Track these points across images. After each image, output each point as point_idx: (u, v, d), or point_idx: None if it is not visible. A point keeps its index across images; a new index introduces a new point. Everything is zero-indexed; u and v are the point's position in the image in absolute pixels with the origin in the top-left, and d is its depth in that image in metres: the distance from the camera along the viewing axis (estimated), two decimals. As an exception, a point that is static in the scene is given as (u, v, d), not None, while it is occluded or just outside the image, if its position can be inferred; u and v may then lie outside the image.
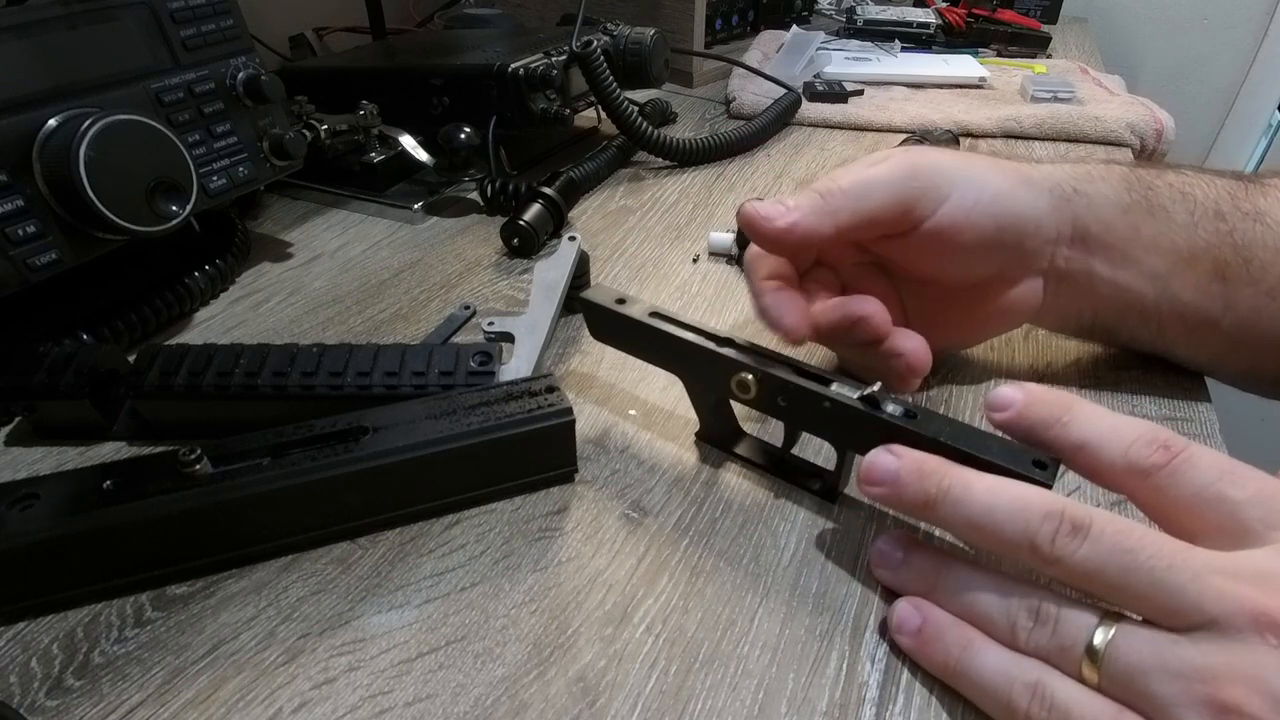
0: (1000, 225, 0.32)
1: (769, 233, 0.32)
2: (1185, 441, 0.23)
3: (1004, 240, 0.33)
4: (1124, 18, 1.25)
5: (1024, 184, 0.33)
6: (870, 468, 0.26)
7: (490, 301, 0.45)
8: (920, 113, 0.70)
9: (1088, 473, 0.25)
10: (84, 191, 0.34)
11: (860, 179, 0.32)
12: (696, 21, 0.80)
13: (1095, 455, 0.24)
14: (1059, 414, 0.25)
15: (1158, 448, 0.23)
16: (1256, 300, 0.32)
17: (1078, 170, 0.34)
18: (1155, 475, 0.23)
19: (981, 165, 0.34)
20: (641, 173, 0.63)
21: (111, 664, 0.25)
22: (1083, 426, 0.25)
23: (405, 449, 0.29)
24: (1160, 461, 0.23)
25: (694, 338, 0.31)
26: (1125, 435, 0.24)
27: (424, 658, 0.25)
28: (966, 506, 0.24)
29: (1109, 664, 0.21)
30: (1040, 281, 0.34)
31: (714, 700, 0.24)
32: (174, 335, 0.43)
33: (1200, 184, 0.34)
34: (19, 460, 0.34)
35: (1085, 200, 0.33)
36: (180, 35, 0.41)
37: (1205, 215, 0.33)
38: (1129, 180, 0.34)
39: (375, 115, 0.55)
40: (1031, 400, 0.26)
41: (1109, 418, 0.25)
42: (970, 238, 0.32)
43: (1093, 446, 0.24)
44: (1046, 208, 0.33)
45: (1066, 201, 0.33)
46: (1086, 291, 0.34)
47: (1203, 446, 0.23)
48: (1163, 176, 0.34)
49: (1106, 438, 0.24)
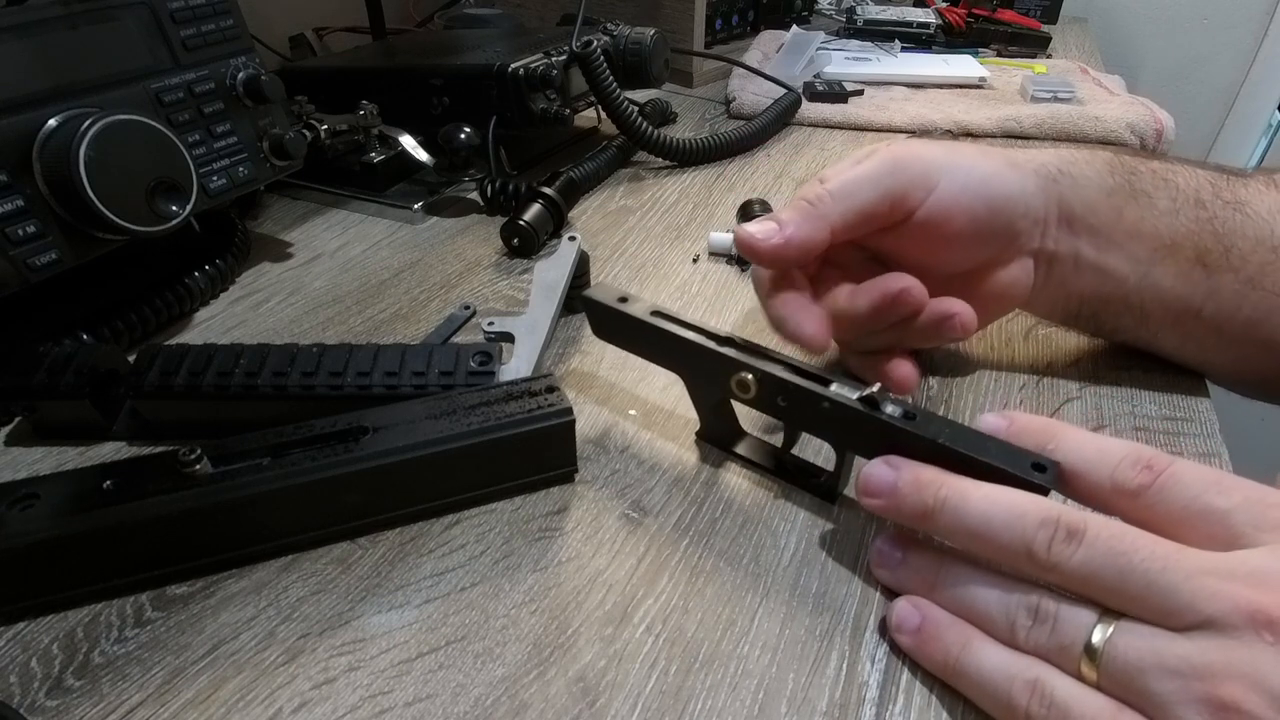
0: (991, 207, 0.33)
1: (766, 252, 0.32)
2: (1169, 458, 0.24)
3: (995, 223, 0.33)
4: (1124, 18, 1.25)
5: (1010, 166, 0.34)
6: (868, 480, 0.26)
7: (490, 301, 0.45)
8: (920, 113, 0.70)
9: (1078, 497, 0.25)
10: (84, 191, 0.34)
11: (846, 180, 0.33)
12: (696, 21, 0.80)
13: (1084, 480, 0.25)
14: (1043, 443, 0.25)
15: (1142, 468, 0.23)
16: (1237, 288, 0.33)
17: (1062, 154, 0.35)
18: (1143, 495, 0.23)
19: (966, 151, 0.34)
20: (641, 173, 0.63)
21: (111, 664, 0.25)
22: (1068, 452, 0.25)
23: (405, 449, 0.29)
24: (1146, 482, 0.23)
25: (695, 337, 0.31)
26: (1109, 458, 0.24)
27: (424, 658, 0.25)
28: (963, 516, 0.24)
29: (1107, 662, 0.21)
30: (1031, 263, 0.35)
31: (714, 700, 0.24)
32: (174, 335, 0.43)
33: (1182, 172, 0.34)
34: (19, 460, 0.34)
35: (1070, 181, 0.34)
36: (180, 35, 0.41)
37: (1186, 202, 0.33)
38: (1112, 164, 0.34)
39: (375, 115, 0.55)
40: (1016, 430, 0.26)
41: (1092, 442, 0.25)
42: (963, 222, 0.33)
43: (1080, 472, 0.25)
44: (1034, 188, 0.33)
45: (1053, 182, 0.34)
46: (1073, 275, 0.35)
47: (1186, 461, 0.24)
48: (1146, 164, 0.35)
49: (1092, 463, 0.24)
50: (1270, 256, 0.32)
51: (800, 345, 0.32)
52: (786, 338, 0.33)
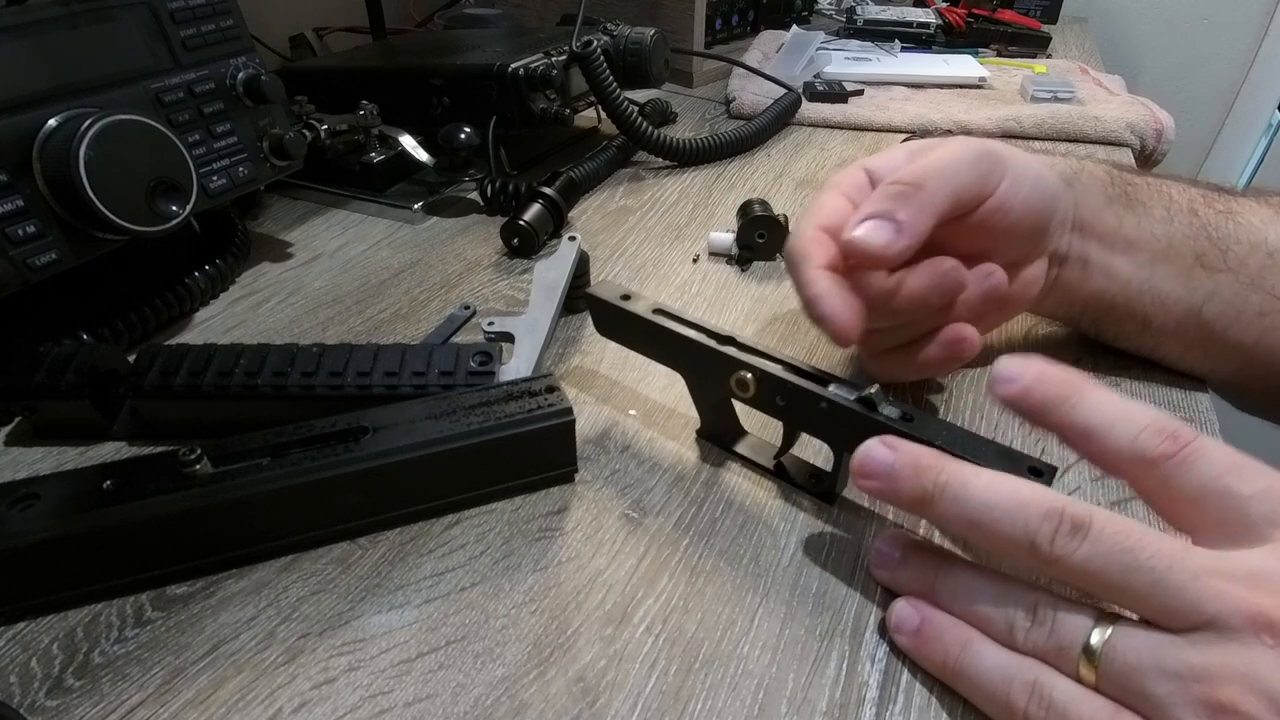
0: (1043, 203, 0.33)
1: (894, 258, 0.29)
2: (1194, 433, 0.23)
3: (1041, 219, 0.33)
4: (1124, 18, 1.25)
5: (1048, 167, 0.34)
6: (864, 460, 0.25)
7: (490, 301, 0.45)
8: (920, 113, 0.70)
9: (1092, 458, 0.24)
10: (84, 191, 0.34)
11: (943, 164, 0.31)
12: (696, 21, 0.80)
13: (1101, 441, 0.24)
14: (1067, 394, 0.24)
15: (1166, 437, 0.23)
16: (1237, 289, 0.33)
17: (1068, 162, 0.36)
18: (1162, 465, 0.23)
19: (1016, 150, 0.34)
20: (641, 173, 0.63)
21: (111, 664, 0.25)
22: (1090, 410, 0.24)
23: (405, 449, 0.29)
24: (1169, 451, 0.22)
25: (695, 335, 0.31)
26: (1134, 422, 0.23)
27: (424, 658, 0.25)
28: (964, 504, 0.23)
29: (1106, 664, 0.21)
30: (1045, 264, 0.35)
31: (714, 700, 0.24)
32: (174, 335, 0.43)
33: (1175, 187, 0.36)
34: (19, 460, 0.34)
35: (1081, 187, 0.35)
36: (180, 35, 0.41)
37: (1180, 211, 0.35)
38: (1110, 175, 0.36)
39: (375, 115, 0.55)
40: (1039, 377, 0.25)
41: (1118, 403, 0.24)
42: (1020, 214, 0.32)
43: (1100, 432, 0.24)
44: (1063, 191, 0.34)
45: (1070, 187, 0.34)
46: (1080, 278, 0.35)
47: (1213, 439, 0.23)
48: (1140, 176, 0.36)
49: (1114, 423, 0.23)
50: (1268, 260, 0.33)
51: (831, 329, 0.30)
52: (818, 318, 0.30)
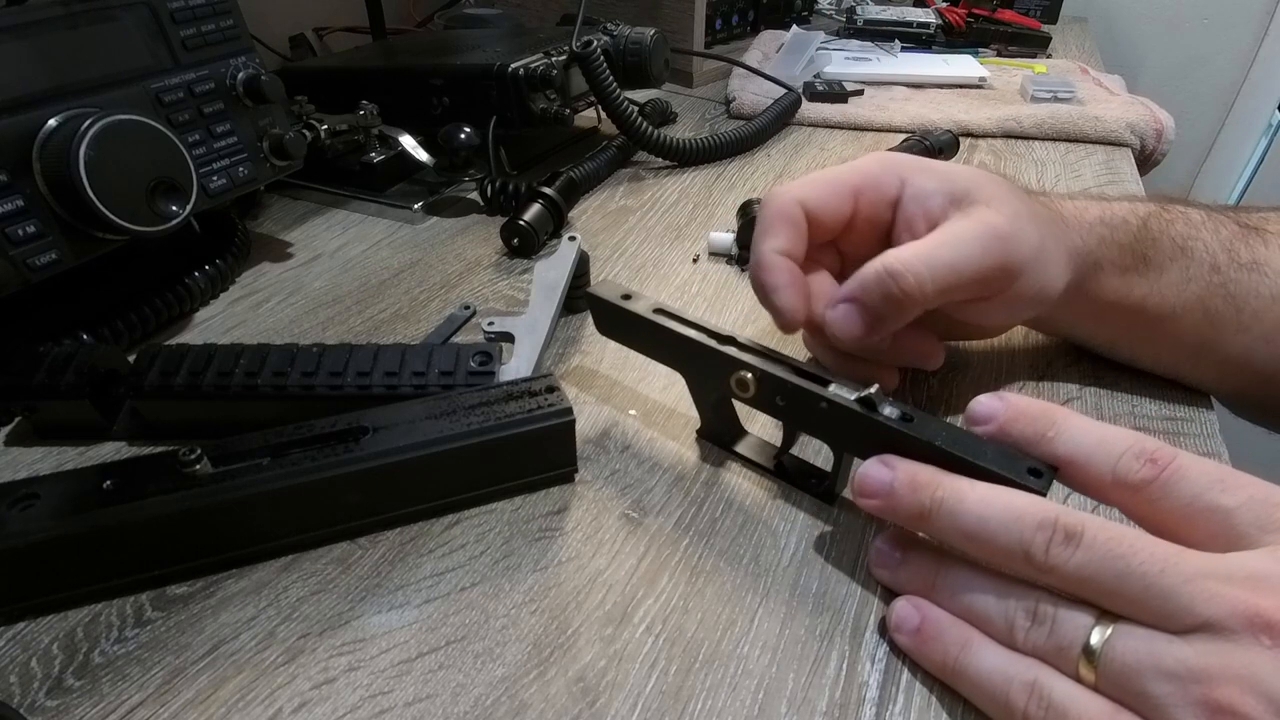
0: (1039, 295, 0.32)
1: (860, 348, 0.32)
2: (1173, 452, 0.23)
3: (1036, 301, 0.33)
4: (1124, 18, 1.25)
5: (1067, 254, 0.33)
6: (864, 480, 0.26)
7: (490, 301, 0.45)
8: (920, 113, 0.70)
9: (1078, 488, 0.25)
10: (84, 191, 0.34)
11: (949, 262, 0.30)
12: (696, 21, 0.80)
13: (1084, 472, 0.24)
14: (1044, 429, 0.25)
15: (1145, 461, 0.23)
16: (1247, 344, 0.33)
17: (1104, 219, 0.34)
18: (1145, 490, 0.23)
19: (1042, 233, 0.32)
20: (641, 173, 0.63)
21: (111, 664, 0.25)
22: (1068, 441, 0.24)
23: (405, 449, 0.29)
24: (1149, 476, 0.23)
25: (696, 335, 0.31)
26: (1113, 449, 0.24)
27: (424, 658, 0.25)
28: (960, 518, 0.24)
29: (1106, 664, 0.21)
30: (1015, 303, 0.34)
31: (714, 700, 0.24)
32: (174, 335, 0.43)
33: (1204, 236, 0.34)
34: (19, 460, 0.34)
35: (1094, 262, 0.34)
36: (180, 35, 0.41)
37: (1200, 270, 0.33)
38: (1134, 238, 0.34)
39: (375, 115, 0.55)
40: (1015, 414, 0.25)
41: (1095, 430, 0.24)
42: (1019, 305, 0.33)
43: (1080, 462, 0.24)
44: (1070, 275, 0.33)
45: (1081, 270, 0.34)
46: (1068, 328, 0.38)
47: (1191, 455, 0.23)
48: (1171, 227, 0.34)
49: (1094, 452, 0.24)
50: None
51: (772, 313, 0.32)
52: (763, 300, 0.32)
